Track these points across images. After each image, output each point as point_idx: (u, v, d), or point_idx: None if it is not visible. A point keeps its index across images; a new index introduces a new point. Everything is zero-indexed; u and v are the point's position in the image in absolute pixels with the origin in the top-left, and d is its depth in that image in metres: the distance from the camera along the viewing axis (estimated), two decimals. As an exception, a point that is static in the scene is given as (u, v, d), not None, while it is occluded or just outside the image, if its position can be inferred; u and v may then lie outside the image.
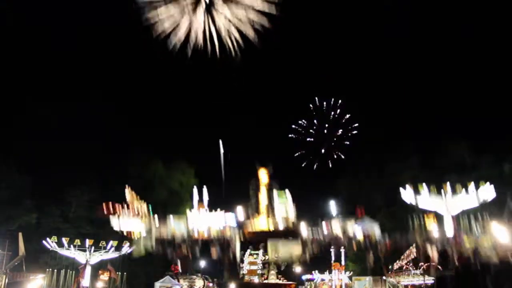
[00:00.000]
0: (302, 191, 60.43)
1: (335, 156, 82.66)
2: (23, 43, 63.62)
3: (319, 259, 62.78)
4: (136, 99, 74.46)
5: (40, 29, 63.53)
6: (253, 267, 54.79)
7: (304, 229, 51.24)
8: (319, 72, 76.93)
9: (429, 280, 45.59)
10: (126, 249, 46.90)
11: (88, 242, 43.86)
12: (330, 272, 58.50)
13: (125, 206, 45.42)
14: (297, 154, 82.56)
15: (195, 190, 58.09)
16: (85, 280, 43.02)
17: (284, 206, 54.00)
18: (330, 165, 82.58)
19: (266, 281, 51.78)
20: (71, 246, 43.32)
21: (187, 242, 48.16)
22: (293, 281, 55.98)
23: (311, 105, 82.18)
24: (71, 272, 46.54)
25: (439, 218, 43.31)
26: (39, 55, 64.23)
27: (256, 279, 53.28)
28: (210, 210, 56.25)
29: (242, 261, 57.04)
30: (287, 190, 54.50)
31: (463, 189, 40.09)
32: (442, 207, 40.53)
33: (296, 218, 53.92)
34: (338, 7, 67.32)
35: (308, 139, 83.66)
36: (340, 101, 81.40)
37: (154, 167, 64.03)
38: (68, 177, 54.77)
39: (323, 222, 56.34)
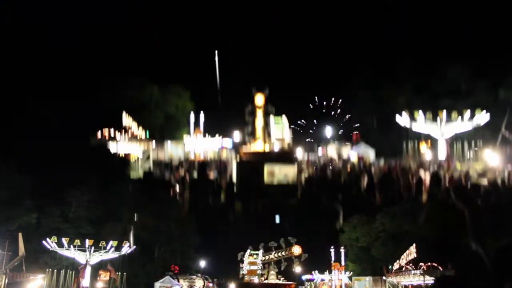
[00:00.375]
0: (298, 115, 59.19)
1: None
2: (23, 43, 63.71)
3: (319, 259, 62.97)
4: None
5: (40, 29, 63.65)
6: (253, 267, 54.83)
7: (300, 152, 51.08)
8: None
9: (429, 280, 45.63)
10: (126, 249, 46.90)
11: (88, 242, 43.86)
12: (330, 272, 58.55)
13: (123, 131, 45.31)
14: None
15: (192, 115, 57.81)
16: (85, 280, 43.02)
17: (281, 130, 53.75)
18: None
19: (266, 281, 51.85)
20: (71, 246, 43.32)
21: (185, 164, 48.00)
22: (293, 281, 56.09)
23: (310, 105, 79.66)
24: (71, 272, 46.51)
25: (432, 142, 43.54)
26: (39, 55, 64.24)
27: (256, 279, 53.32)
28: (207, 135, 56.18)
29: (242, 261, 57.17)
30: (283, 116, 53.99)
31: (459, 117, 39.95)
32: (437, 131, 40.51)
33: (292, 142, 53.76)
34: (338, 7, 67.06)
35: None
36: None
37: (149, 91, 62.57)
38: (68, 177, 54.63)
39: (319, 148, 56.25)
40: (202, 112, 58.51)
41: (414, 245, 47.48)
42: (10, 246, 41.54)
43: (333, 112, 66.50)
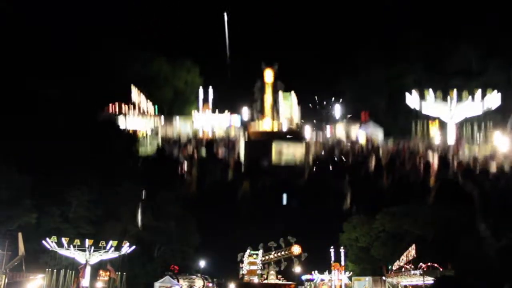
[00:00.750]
0: (308, 94, 57.74)
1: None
2: (23, 43, 63.62)
3: (319, 259, 62.98)
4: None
5: (40, 29, 63.53)
6: (253, 267, 54.76)
7: (308, 131, 50.51)
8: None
9: (429, 280, 45.62)
10: (126, 249, 46.92)
11: (87, 242, 43.84)
12: (329, 272, 58.55)
13: (131, 105, 44.85)
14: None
15: (200, 90, 57.05)
16: (85, 280, 43.01)
17: (289, 108, 53.18)
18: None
19: (265, 281, 51.83)
20: (71, 246, 43.29)
21: (193, 142, 47.56)
22: (292, 281, 56.06)
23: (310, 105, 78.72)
24: (70, 272, 46.51)
25: (442, 125, 42.59)
26: (39, 55, 64.16)
27: (255, 279, 53.28)
28: (215, 111, 55.38)
29: (241, 261, 57.14)
30: (292, 92, 53.29)
31: (469, 96, 38.92)
32: (446, 113, 39.61)
33: (301, 120, 53.05)
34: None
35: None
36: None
37: (158, 64, 61.70)
38: (68, 177, 54.73)
39: (327, 126, 55.45)
40: (210, 87, 57.52)
41: (413, 245, 47.49)
42: (10, 246, 41.54)
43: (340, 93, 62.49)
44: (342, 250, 59.92)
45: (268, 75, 53.35)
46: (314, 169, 48.49)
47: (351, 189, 51.36)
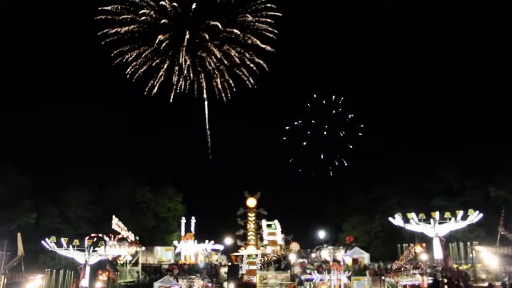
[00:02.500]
0: (292, 220, 60.01)
1: (337, 163, 75.97)
2: (23, 43, 63.85)
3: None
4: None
5: (40, 29, 63.68)
6: (252, 267, 54.70)
7: (293, 257, 51.89)
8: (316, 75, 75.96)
9: (428, 280, 45.62)
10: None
11: (87, 242, 43.83)
12: (329, 272, 58.44)
13: (112, 236, 46.38)
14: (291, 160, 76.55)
15: (183, 220, 58.96)
16: (84, 280, 43.03)
17: (273, 236, 54.79)
18: (331, 174, 75.80)
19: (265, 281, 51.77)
20: (70, 246, 43.30)
21: (175, 270, 49.03)
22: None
23: (308, 104, 76.79)
24: (70, 272, 46.52)
25: (427, 241, 44.21)
26: (39, 55, 64.45)
27: (255, 279, 53.16)
28: (198, 240, 57.15)
29: (241, 260, 57.15)
30: (276, 221, 55.01)
31: (452, 218, 40.50)
32: (431, 231, 41.12)
33: (285, 246, 54.60)
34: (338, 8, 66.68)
35: (304, 143, 77.65)
36: (341, 98, 75.78)
37: (141, 192, 63.71)
38: (67, 177, 54.86)
39: (313, 254, 57.25)
40: (193, 217, 59.79)
41: (413, 245, 47.52)
42: (9, 246, 41.55)
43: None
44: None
45: (251, 202, 54.91)
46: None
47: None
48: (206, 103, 66.73)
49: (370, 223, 64.26)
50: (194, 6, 55.65)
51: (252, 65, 61.51)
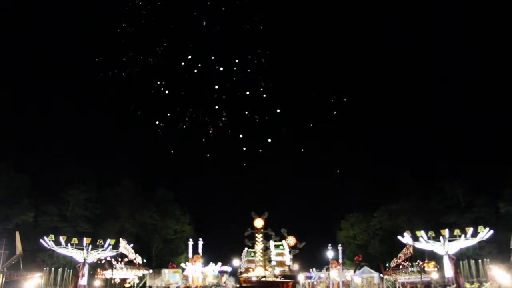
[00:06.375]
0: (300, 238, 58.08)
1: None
2: (23, 43, 63.62)
3: (317, 257, 63.09)
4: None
5: (40, 29, 63.54)
6: (251, 265, 54.82)
7: (301, 278, 51.37)
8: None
9: (426, 277, 45.74)
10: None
11: (85, 240, 43.83)
12: (327, 270, 58.56)
13: (119, 260, 46.38)
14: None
15: (190, 242, 58.99)
16: (83, 279, 43.05)
17: (281, 256, 54.70)
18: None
19: (263, 279, 51.79)
20: (69, 244, 43.27)
21: None
22: (291, 279, 55.97)
23: None
24: (68, 270, 46.49)
25: (437, 259, 43.92)
26: (39, 55, 64.20)
27: (254, 277, 53.23)
28: (206, 262, 57.45)
29: (240, 259, 57.23)
30: (284, 241, 54.89)
31: (462, 235, 40.15)
32: (440, 249, 40.77)
33: (293, 265, 54.34)
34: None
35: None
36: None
37: (148, 214, 63.08)
38: (65, 176, 54.76)
39: (321, 274, 56.85)
40: (201, 239, 59.69)
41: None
42: (7, 245, 41.56)
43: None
44: (340, 248, 59.99)
45: (258, 223, 54.61)
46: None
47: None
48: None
49: (368, 221, 64.35)
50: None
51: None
